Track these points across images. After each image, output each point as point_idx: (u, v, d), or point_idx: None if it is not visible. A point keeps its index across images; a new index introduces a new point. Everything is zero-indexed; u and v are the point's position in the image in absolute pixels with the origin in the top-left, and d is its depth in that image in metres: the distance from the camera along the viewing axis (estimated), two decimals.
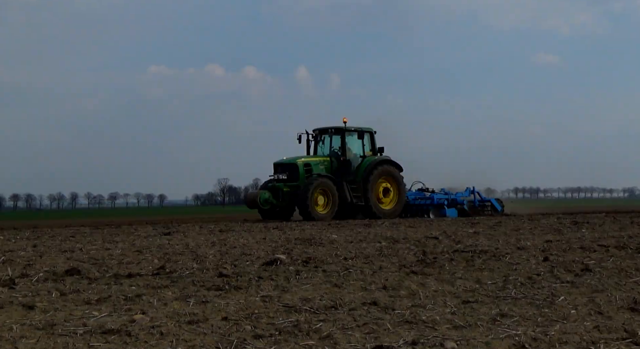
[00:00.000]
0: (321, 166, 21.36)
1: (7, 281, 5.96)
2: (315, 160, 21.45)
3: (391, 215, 21.49)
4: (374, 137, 22.45)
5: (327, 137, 22.41)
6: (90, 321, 4.25)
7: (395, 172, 22.13)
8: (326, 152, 22.15)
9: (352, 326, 4.13)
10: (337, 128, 21.92)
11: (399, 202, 22.17)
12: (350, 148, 21.95)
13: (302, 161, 21.09)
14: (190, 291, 5.45)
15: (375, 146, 22.39)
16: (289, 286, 5.63)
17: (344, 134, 21.82)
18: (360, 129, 22.06)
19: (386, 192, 21.99)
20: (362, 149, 22.19)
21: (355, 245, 9.35)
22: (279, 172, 21.17)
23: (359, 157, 21.98)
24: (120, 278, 6.19)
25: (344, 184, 20.98)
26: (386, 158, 22.07)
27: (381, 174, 21.63)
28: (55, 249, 9.31)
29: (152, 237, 11.82)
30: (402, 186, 22.30)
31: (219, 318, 4.38)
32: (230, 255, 8.10)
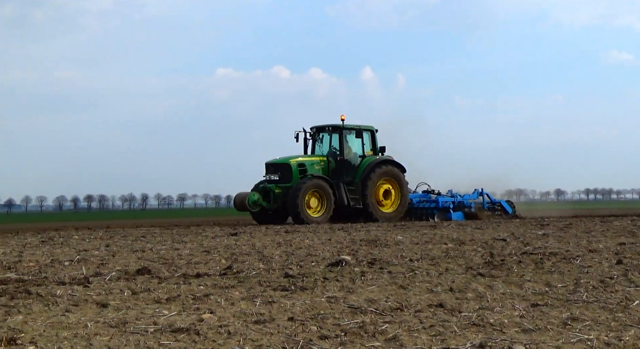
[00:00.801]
0: (317, 166, 20.00)
1: (82, 279, 6.17)
2: (311, 160, 20.11)
3: (392, 219, 20.03)
4: (375, 136, 20.99)
5: (325, 136, 21.03)
6: (161, 320, 4.36)
7: (397, 173, 20.68)
8: (325, 152, 20.79)
9: (418, 328, 4.10)
10: (334, 126, 20.54)
11: (401, 205, 20.75)
12: (350, 148, 20.69)
13: (295, 161, 19.79)
14: (256, 291, 5.52)
15: (376, 146, 20.91)
16: (355, 287, 5.63)
17: (342, 133, 20.44)
18: (360, 127, 20.70)
19: (387, 195, 20.58)
20: (361, 149, 20.72)
21: (421, 246, 9.27)
22: (271, 173, 19.89)
23: (358, 157, 20.60)
24: (189, 277, 6.31)
25: (341, 185, 19.76)
26: (387, 158, 20.68)
27: (382, 175, 20.26)
28: (127, 249, 9.57)
29: (219, 238, 12.01)
30: (405, 188, 20.89)
31: (285, 318, 4.42)
32: (296, 256, 8.16)
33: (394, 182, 20.60)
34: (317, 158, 20.25)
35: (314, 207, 19.17)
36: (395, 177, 20.59)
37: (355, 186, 19.96)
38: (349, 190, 19.86)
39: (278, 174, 19.64)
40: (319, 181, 19.25)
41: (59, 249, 9.85)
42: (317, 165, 20.05)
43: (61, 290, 5.53)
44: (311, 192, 19.04)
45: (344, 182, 19.83)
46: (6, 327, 4.16)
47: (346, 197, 19.69)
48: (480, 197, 22.79)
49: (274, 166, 19.94)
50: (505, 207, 22.98)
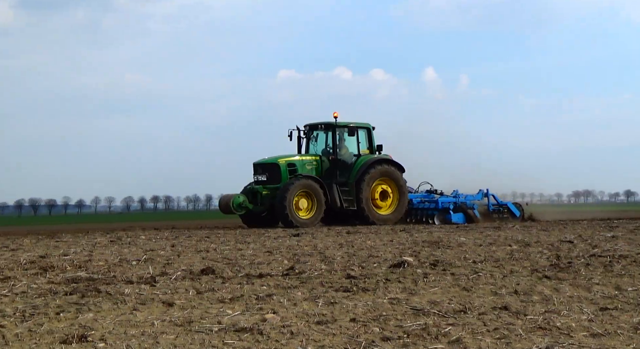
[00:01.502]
0: (308, 166, 18.78)
1: (149, 278, 6.32)
2: (301, 159, 18.87)
3: (389, 221, 18.77)
4: (371, 134, 19.64)
5: (320, 135, 19.76)
6: (225, 319, 4.42)
7: (395, 173, 19.33)
8: (319, 151, 19.52)
9: (482, 331, 4.04)
10: (327, 124, 19.31)
11: (399, 207, 19.34)
12: (346, 147, 19.46)
13: (284, 161, 18.59)
14: (318, 291, 5.54)
15: (373, 144, 19.54)
16: (417, 289, 5.60)
17: (335, 130, 19.15)
18: (354, 124, 19.43)
19: (384, 196, 19.23)
20: (357, 148, 19.42)
21: (484, 248, 9.14)
22: (259, 173, 18.73)
23: (353, 156, 19.30)
24: (252, 277, 6.39)
25: (334, 186, 18.52)
26: (384, 157, 19.36)
27: (377, 175, 18.94)
28: (192, 249, 9.75)
29: (281, 239, 12.11)
30: (404, 188, 19.45)
31: (347, 319, 4.42)
32: (357, 257, 8.16)
33: (391, 183, 19.27)
34: (309, 157, 19.09)
35: (303, 209, 17.99)
36: (393, 177, 19.27)
37: (349, 186, 18.75)
38: (343, 191, 18.69)
39: (266, 175, 18.54)
40: (309, 181, 18.12)
41: (127, 249, 10.11)
42: (309, 165, 18.86)
43: (129, 289, 5.67)
44: (300, 193, 17.89)
45: (337, 183, 18.66)
46: (77, 324, 4.30)
47: (339, 198, 18.51)
48: (485, 198, 21.22)
49: (261, 166, 18.82)
50: (512, 209, 21.20)
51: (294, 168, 18.46)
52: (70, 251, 9.63)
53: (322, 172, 18.87)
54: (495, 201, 21.25)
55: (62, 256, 8.74)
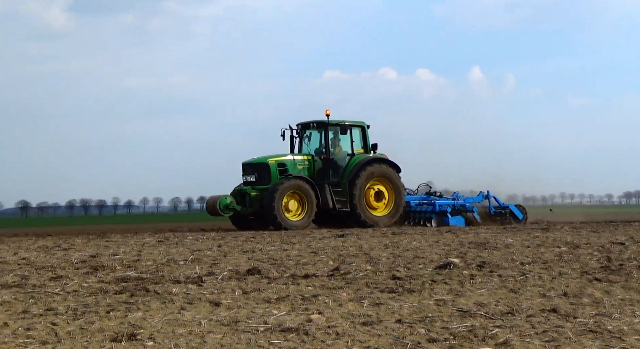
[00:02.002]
0: (300, 166, 18.20)
1: (196, 278, 6.40)
2: (293, 159, 18.32)
3: (384, 223, 18.15)
4: (366, 133, 19.00)
5: (313, 134, 19.14)
6: (270, 319, 4.45)
7: (390, 173, 18.65)
8: (312, 151, 18.92)
9: (531, 334, 3.99)
10: (319, 122, 18.69)
11: (395, 208, 18.65)
12: (340, 146, 18.85)
13: (274, 160, 18.02)
14: (364, 292, 5.53)
15: (367, 143, 18.91)
16: (463, 290, 5.55)
17: (327, 129, 18.51)
18: (347, 123, 18.78)
19: (380, 197, 18.61)
20: (350, 147, 18.80)
21: (532, 250, 9.00)
22: (248, 174, 18.24)
23: (347, 155, 18.70)
24: (298, 278, 6.41)
25: (326, 186, 17.93)
26: (379, 156, 18.71)
27: (372, 175, 18.30)
28: (238, 249, 9.83)
29: (326, 239, 12.12)
30: (400, 189, 18.77)
31: (393, 320, 4.41)
32: (403, 258, 8.12)
33: (386, 183, 18.64)
34: (300, 157, 18.53)
35: (293, 211, 17.46)
36: (388, 178, 18.62)
37: (342, 187, 18.12)
38: (336, 191, 18.07)
39: (255, 175, 18.04)
40: (299, 181, 17.57)
41: (175, 248, 10.25)
42: (301, 165, 18.28)
43: (177, 288, 5.76)
44: (290, 194, 17.36)
45: (329, 183, 18.09)
46: (127, 323, 4.38)
47: (331, 199, 17.92)
48: (486, 200, 20.53)
49: (250, 166, 18.33)
50: (514, 211, 20.43)
51: (284, 168, 17.92)
52: (120, 251, 9.82)
53: (315, 172, 18.32)
54: (497, 203, 20.61)
55: (112, 256, 8.91)
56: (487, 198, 20.41)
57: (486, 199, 20.41)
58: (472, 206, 20.00)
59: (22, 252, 10.04)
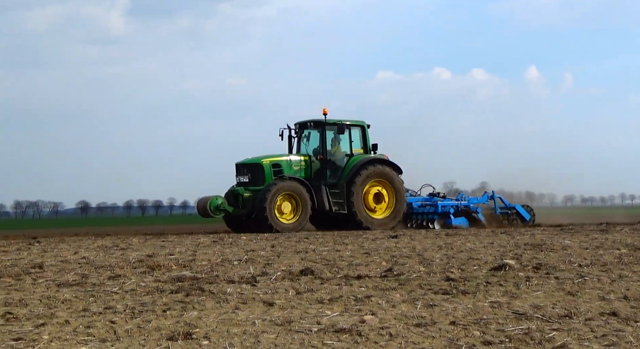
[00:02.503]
0: (296, 167, 17.60)
1: (250, 278, 6.46)
2: (288, 159, 17.69)
3: (384, 225, 17.56)
4: (366, 132, 18.34)
5: (312, 133, 18.52)
6: (324, 320, 4.47)
7: (391, 173, 17.97)
8: (310, 151, 18.30)
9: (589, 337, 3.90)
10: (316, 121, 18.06)
11: (396, 210, 17.98)
12: (339, 146, 18.20)
13: (268, 161, 17.41)
14: (417, 294, 5.50)
15: (367, 143, 18.27)
16: (519, 293, 5.46)
17: (325, 129, 17.88)
18: (345, 122, 18.03)
19: (379, 199, 17.92)
20: (349, 147, 18.13)
21: (590, 252, 8.79)
22: (241, 174, 17.66)
23: (345, 156, 18.02)
24: (351, 279, 6.41)
25: (323, 188, 17.30)
26: (379, 157, 18.06)
27: (371, 176, 17.63)
28: (291, 250, 9.89)
29: (379, 240, 12.09)
30: (400, 191, 18.08)
31: (447, 322, 4.37)
32: (457, 259, 8.04)
33: (386, 184, 17.96)
34: (297, 157, 17.91)
35: (287, 213, 16.85)
36: (388, 179, 17.93)
37: (339, 188, 17.48)
38: (333, 193, 17.43)
39: (248, 176, 17.48)
40: (293, 182, 16.98)
41: (229, 249, 10.38)
42: (297, 165, 17.67)
43: (231, 288, 5.82)
44: (283, 196, 16.76)
45: (326, 185, 17.47)
46: (183, 322, 4.46)
47: (328, 201, 17.28)
48: (490, 201, 19.81)
49: (244, 166, 17.73)
50: (521, 212, 19.78)
51: (279, 169, 17.35)
52: (176, 251, 9.99)
53: (312, 173, 17.74)
54: (503, 203, 19.98)
55: (168, 256, 9.07)
56: (492, 199, 19.81)
57: (491, 199, 19.81)
58: (477, 207, 19.43)
59: (82, 251, 10.31)
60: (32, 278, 6.82)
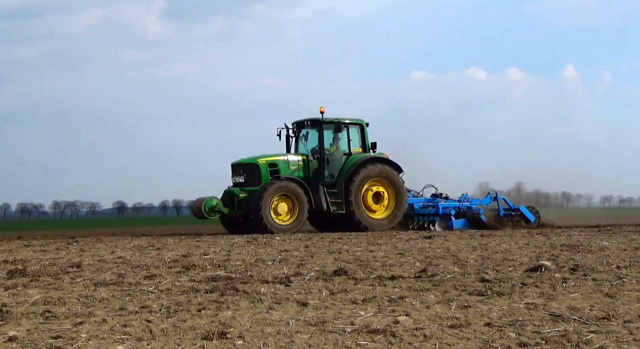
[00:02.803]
0: (293, 166, 17.33)
1: (284, 278, 6.48)
2: (285, 159, 17.44)
3: (383, 226, 17.26)
4: (365, 131, 18.02)
5: (310, 132, 18.20)
6: (357, 320, 4.46)
7: (390, 173, 17.64)
8: (309, 150, 18.03)
9: (628, 340, 3.83)
10: (312, 120, 17.76)
11: (396, 211, 17.62)
12: (338, 145, 17.91)
13: (264, 160, 17.17)
14: (451, 295, 5.46)
15: (366, 142, 17.98)
16: (555, 294, 5.39)
17: (322, 127, 17.54)
18: (342, 120, 17.61)
19: (379, 199, 17.61)
20: (347, 146, 17.88)
21: (629, 253, 8.64)
22: (237, 175, 17.42)
23: (343, 155, 17.75)
24: (384, 279, 6.40)
25: (321, 188, 17.03)
26: (378, 156, 17.77)
27: (369, 175, 17.34)
28: (324, 250, 9.90)
29: (413, 241, 12.04)
30: (400, 190, 17.71)
31: (482, 323, 4.34)
32: (492, 260, 7.97)
33: (386, 184, 17.64)
34: (294, 157, 17.66)
35: (283, 214, 16.58)
36: (388, 178, 17.61)
37: (337, 188, 17.19)
38: (331, 193, 17.15)
39: (244, 176, 17.23)
40: (290, 182, 16.68)
41: (263, 249, 10.43)
42: (294, 165, 17.40)
43: (265, 288, 5.85)
44: (279, 196, 16.47)
45: (324, 185, 17.21)
46: (217, 322, 4.49)
47: (325, 201, 16.99)
48: (494, 202, 19.39)
49: (240, 166, 17.50)
50: (525, 214, 19.22)
51: (275, 169, 17.12)
52: (210, 251, 10.07)
53: (310, 173, 17.47)
54: (507, 205, 19.50)
55: (203, 255, 9.15)
56: (495, 200, 19.36)
57: (495, 201, 19.37)
58: (479, 208, 19.02)
59: (119, 251, 10.45)
60: (70, 277, 6.94)
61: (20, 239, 16.90)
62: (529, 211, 19.42)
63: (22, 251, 11.21)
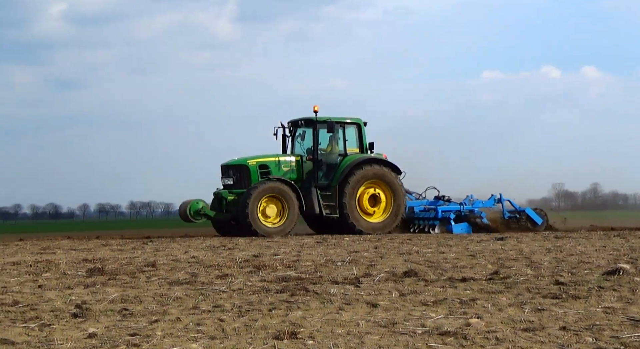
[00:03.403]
0: (285, 167, 16.61)
1: (353, 279, 6.49)
2: (277, 160, 16.69)
3: (380, 230, 16.40)
4: (362, 131, 17.18)
5: (307, 132, 17.36)
6: (428, 322, 4.43)
7: (387, 174, 16.77)
8: (304, 151, 17.24)
9: None
10: (306, 119, 16.98)
11: (394, 214, 16.78)
12: (335, 145, 17.07)
13: (255, 162, 16.48)
14: (525, 297, 5.35)
15: (363, 142, 17.14)
16: (635, 298, 5.21)
17: (316, 127, 16.74)
18: (336, 120, 16.79)
19: (376, 201, 16.80)
20: (343, 146, 17.02)
21: None
22: (226, 176, 16.75)
23: (339, 156, 16.92)
24: (455, 281, 6.32)
25: (313, 190, 16.30)
26: (375, 157, 16.94)
27: (365, 177, 16.53)
28: (394, 252, 9.85)
29: (485, 242, 11.85)
30: (399, 193, 16.86)
31: (557, 327, 4.23)
32: (567, 263, 7.76)
33: (384, 186, 16.81)
34: (287, 158, 16.90)
35: (272, 216, 15.88)
36: (386, 180, 16.76)
37: (331, 190, 16.43)
38: (325, 195, 16.41)
39: (233, 178, 16.56)
40: (279, 184, 15.96)
41: (332, 250, 10.46)
42: (286, 166, 16.68)
43: (335, 289, 5.87)
44: (268, 198, 15.80)
45: (317, 187, 16.47)
46: (288, 322, 4.53)
47: (318, 204, 16.27)
48: (498, 205, 18.43)
49: (229, 167, 16.80)
50: (532, 216, 18.18)
51: (266, 170, 16.45)
52: (281, 251, 10.17)
53: (303, 174, 16.76)
54: (512, 207, 18.58)
55: (273, 256, 9.25)
56: (499, 202, 18.50)
57: (499, 203, 18.52)
58: (481, 211, 18.17)
59: (192, 251, 10.68)
60: (146, 276, 7.13)
61: (99, 238, 17.48)
62: (536, 213, 18.63)
63: (101, 250, 11.60)
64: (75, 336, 4.19)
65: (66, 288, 6.32)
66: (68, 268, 8.12)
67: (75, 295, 5.81)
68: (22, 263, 8.96)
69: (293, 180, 16.51)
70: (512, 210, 18.65)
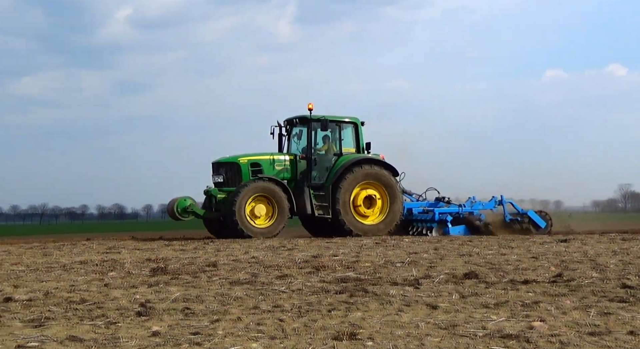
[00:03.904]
0: (278, 166, 16.23)
1: (413, 281, 6.45)
2: (270, 158, 16.31)
3: (375, 232, 15.90)
4: (359, 131, 16.76)
5: (303, 131, 16.90)
6: (489, 325, 4.36)
7: (384, 175, 16.33)
8: (300, 150, 16.84)
9: None
10: (301, 118, 16.54)
11: (390, 216, 16.31)
12: (330, 144, 16.67)
13: (246, 159, 16.12)
14: (590, 301, 5.22)
15: (360, 142, 16.71)
16: None
17: (311, 125, 16.35)
18: (330, 118, 16.32)
19: (371, 203, 16.32)
20: (339, 146, 16.61)
21: None
22: (217, 174, 16.35)
23: (334, 155, 16.50)
24: (517, 283, 6.21)
25: (306, 190, 15.91)
26: (371, 157, 16.48)
27: (360, 177, 16.08)
28: (454, 253, 9.74)
29: (548, 244, 11.60)
30: (396, 194, 16.39)
31: (624, 331, 4.11)
32: (634, 265, 7.53)
33: (379, 187, 16.35)
34: (281, 156, 16.49)
35: (262, 216, 15.53)
36: (382, 181, 16.30)
37: (325, 190, 16.03)
38: (318, 196, 16.02)
39: (223, 176, 16.18)
40: (269, 183, 15.58)
41: (391, 251, 10.42)
42: (280, 165, 16.30)
43: (394, 290, 5.85)
44: (256, 198, 15.45)
45: (310, 186, 16.07)
46: (347, 322, 4.54)
47: (310, 204, 15.89)
48: (499, 207, 17.68)
49: (220, 165, 16.44)
50: (535, 219, 17.48)
51: (258, 168, 16.11)
52: (340, 252, 10.18)
53: (297, 173, 16.38)
54: (514, 209, 17.84)
55: (332, 257, 9.27)
56: (501, 204, 17.83)
57: (500, 205, 17.84)
58: (480, 213, 17.55)
59: (252, 251, 10.80)
60: (207, 275, 7.25)
61: (162, 238, 17.83)
62: (539, 216, 17.97)
63: (164, 250, 11.84)
64: (139, 334, 4.29)
65: (131, 286, 6.48)
66: (132, 267, 8.31)
67: (139, 294, 5.95)
68: (89, 262, 9.22)
69: (287, 179, 16.25)
70: (513, 212, 18.12)
